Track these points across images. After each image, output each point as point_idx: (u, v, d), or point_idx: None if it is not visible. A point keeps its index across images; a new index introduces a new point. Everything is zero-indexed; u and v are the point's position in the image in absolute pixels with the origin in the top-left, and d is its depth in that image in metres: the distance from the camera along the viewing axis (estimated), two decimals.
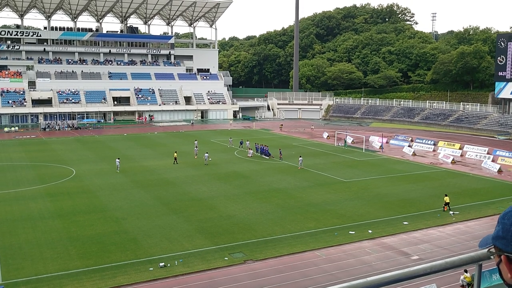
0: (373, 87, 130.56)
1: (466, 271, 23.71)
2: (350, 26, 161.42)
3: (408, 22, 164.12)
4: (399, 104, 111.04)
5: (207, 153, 57.77)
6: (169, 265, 26.47)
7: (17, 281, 24.36)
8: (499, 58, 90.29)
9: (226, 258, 27.59)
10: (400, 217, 35.52)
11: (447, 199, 37.54)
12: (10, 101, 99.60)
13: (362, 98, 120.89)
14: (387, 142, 73.62)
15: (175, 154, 57.80)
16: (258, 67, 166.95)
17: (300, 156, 56.09)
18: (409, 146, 69.43)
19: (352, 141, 74.35)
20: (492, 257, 2.21)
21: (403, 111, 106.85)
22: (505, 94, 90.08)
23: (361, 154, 64.75)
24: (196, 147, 61.79)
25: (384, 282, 2.04)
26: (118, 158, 53.20)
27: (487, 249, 2.22)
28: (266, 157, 60.65)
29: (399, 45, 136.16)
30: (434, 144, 69.91)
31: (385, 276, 2.09)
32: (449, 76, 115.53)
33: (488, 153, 62.45)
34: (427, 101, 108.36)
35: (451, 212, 36.72)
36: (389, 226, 33.57)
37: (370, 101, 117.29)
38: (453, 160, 59.62)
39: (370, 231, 32.32)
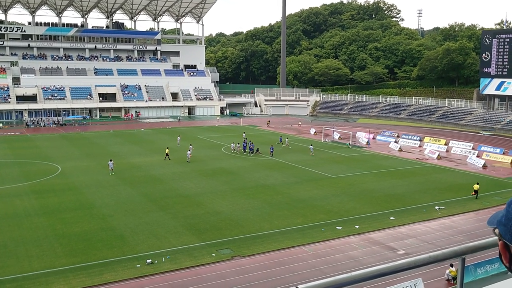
0: (360, 83, 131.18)
1: (451, 265, 23.99)
2: (337, 22, 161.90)
3: (394, 19, 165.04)
4: (386, 100, 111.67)
5: (189, 150, 57.38)
6: (156, 261, 26.38)
7: (2, 279, 24.11)
8: (484, 54, 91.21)
9: (214, 255, 27.57)
10: (387, 212, 35.80)
11: (476, 186, 40.02)
12: None
13: (349, 94, 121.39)
14: (373, 138, 74.03)
15: (167, 150, 57.49)
16: (245, 63, 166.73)
17: (311, 145, 61.88)
18: (395, 142, 69.88)
19: (339, 137, 74.63)
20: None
21: (389, 107, 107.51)
22: (489, 90, 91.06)
23: (347, 150, 65.03)
24: (189, 150, 56.77)
25: (369, 276, 2.05)
26: (111, 160, 50.35)
27: (493, 228, 2.22)
28: (244, 151, 60.88)
29: (386, 42, 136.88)
30: (420, 140, 70.46)
31: (370, 270, 2.10)
32: (434, 73, 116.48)
33: (473, 149, 63.11)
34: (413, 97, 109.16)
35: (436, 207, 37.09)
36: (375, 221, 33.81)
37: (357, 97, 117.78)
38: (438, 155, 60.18)
39: (357, 226, 32.52)
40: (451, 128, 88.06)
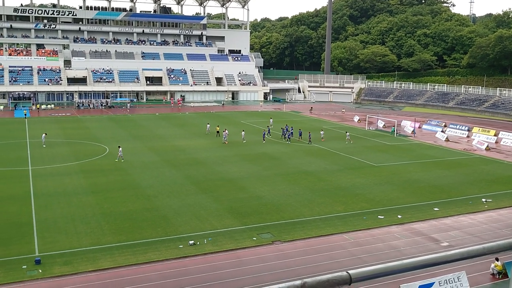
0: (407, 70, 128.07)
1: (497, 260, 23.38)
2: (385, 7, 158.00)
3: (445, 4, 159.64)
4: (433, 88, 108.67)
5: (225, 130, 59.09)
6: (198, 243, 26.93)
7: (53, 253, 25.23)
8: None
9: (254, 238, 27.88)
10: (431, 203, 35.10)
11: None
12: (46, 79, 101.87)
13: (395, 82, 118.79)
14: (419, 127, 72.43)
15: (217, 127, 61.96)
16: (290, 49, 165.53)
17: (347, 132, 62.11)
18: (442, 131, 68.14)
19: (384, 125, 73.42)
20: None
21: (437, 96, 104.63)
22: None
23: (392, 138, 63.94)
24: (225, 133, 58.73)
25: (420, 265, 2.08)
26: (120, 146, 48.94)
27: None
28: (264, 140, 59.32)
29: (435, 28, 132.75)
30: (468, 130, 68.45)
31: (421, 259, 2.13)
32: (486, 61, 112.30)
33: None
34: (463, 85, 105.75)
35: (483, 200, 36.08)
36: (419, 211, 33.24)
37: (403, 85, 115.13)
38: (487, 146, 58.32)
39: (399, 216, 32.09)
40: (502, 119, 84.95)
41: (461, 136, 67.08)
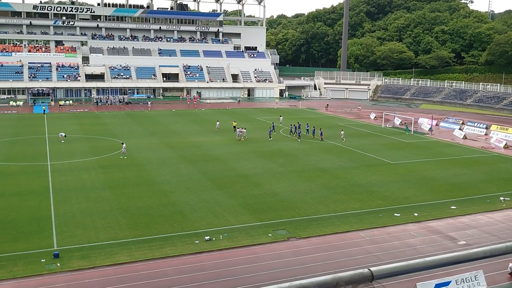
0: (424, 67, 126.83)
1: None
2: (402, 4, 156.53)
3: (463, 1, 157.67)
4: (451, 85, 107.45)
5: (240, 128, 58.96)
6: (214, 239, 27.09)
7: (71, 247, 25.59)
8: None
9: (270, 235, 27.96)
10: (448, 201, 34.81)
11: None
12: (65, 76, 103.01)
13: (412, 79, 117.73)
14: (436, 125, 71.75)
15: (234, 123, 63.26)
16: (306, 45, 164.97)
17: (342, 130, 61.65)
18: (460, 129, 67.43)
19: (400, 122, 72.88)
20: None
21: (455, 93, 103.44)
22: None
23: (408, 136, 63.45)
24: (240, 130, 58.21)
25: (442, 263, 2.11)
26: (123, 143, 48.83)
27: None
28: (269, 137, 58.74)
29: (453, 25, 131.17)
30: (486, 128, 67.60)
31: (443, 257, 2.16)
32: (504, 58, 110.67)
33: None
34: (481, 83, 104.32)
35: (501, 198, 35.67)
36: (435, 210, 32.99)
37: (420, 82, 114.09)
38: (505, 144, 57.58)
39: (416, 214, 31.89)
40: None
41: (479, 134, 66.30)
